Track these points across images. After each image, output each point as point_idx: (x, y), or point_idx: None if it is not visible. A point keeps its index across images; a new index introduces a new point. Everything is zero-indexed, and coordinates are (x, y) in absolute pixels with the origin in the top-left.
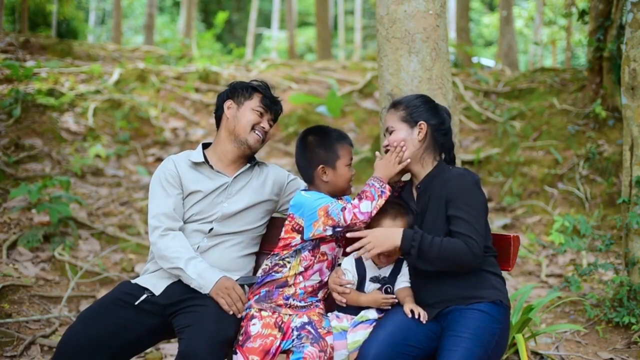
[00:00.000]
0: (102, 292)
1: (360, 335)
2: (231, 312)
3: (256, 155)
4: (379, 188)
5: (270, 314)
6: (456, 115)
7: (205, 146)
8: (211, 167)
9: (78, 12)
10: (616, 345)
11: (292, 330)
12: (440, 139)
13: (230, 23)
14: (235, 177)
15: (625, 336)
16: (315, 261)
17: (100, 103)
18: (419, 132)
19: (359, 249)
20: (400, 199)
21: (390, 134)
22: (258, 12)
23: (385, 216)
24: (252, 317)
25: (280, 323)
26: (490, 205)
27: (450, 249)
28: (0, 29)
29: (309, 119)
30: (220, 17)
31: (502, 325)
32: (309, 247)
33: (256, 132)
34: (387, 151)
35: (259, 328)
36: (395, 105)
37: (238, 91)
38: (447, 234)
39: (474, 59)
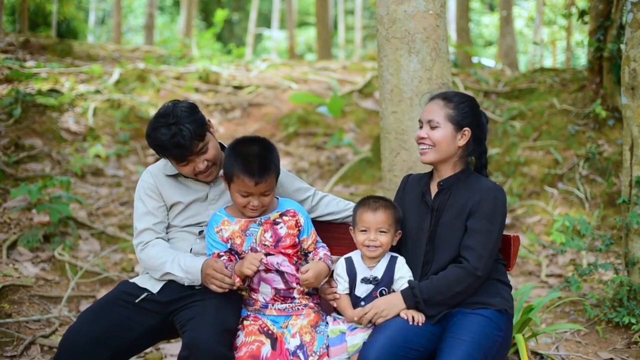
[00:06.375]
0: (102, 292)
1: (359, 338)
2: (227, 289)
3: None
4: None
5: (253, 321)
6: None
7: None
8: (185, 177)
9: (78, 12)
10: (616, 345)
11: (287, 352)
12: (473, 145)
13: (230, 23)
14: (212, 183)
15: (625, 336)
16: None
17: (100, 103)
18: (462, 137)
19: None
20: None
21: (433, 129)
22: (258, 12)
23: (366, 209)
24: (236, 331)
25: (265, 329)
26: None
27: (452, 281)
28: (0, 29)
29: (309, 118)
30: (220, 15)
31: (505, 333)
32: (232, 267)
33: (198, 176)
34: (419, 143)
35: (243, 338)
36: (446, 98)
37: (158, 152)
38: (459, 244)
39: (474, 59)
